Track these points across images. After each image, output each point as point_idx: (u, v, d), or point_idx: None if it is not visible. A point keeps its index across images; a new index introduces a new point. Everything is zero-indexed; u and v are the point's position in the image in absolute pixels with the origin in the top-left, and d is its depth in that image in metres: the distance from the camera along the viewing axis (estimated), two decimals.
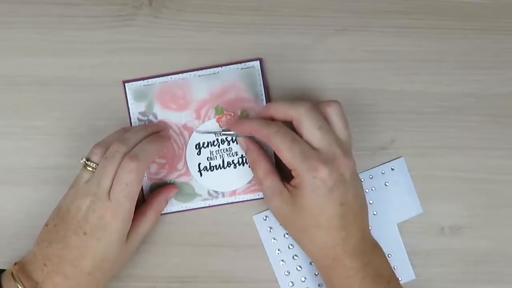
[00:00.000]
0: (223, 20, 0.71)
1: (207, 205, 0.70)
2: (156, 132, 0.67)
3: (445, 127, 0.70)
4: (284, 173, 0.64)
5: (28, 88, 0.70)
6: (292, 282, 0.69)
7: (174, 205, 0.69)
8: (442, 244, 0.70)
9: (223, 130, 0.68)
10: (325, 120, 0.61)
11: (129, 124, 0.69)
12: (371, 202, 0.70)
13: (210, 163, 0.69)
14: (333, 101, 0.62)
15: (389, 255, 0.69)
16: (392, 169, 0.70)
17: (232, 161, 0.69)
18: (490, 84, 0.71)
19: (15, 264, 0.63)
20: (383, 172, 0.70)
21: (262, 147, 0.67)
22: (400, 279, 0.69)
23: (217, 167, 0.69)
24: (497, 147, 0.70)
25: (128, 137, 0.63)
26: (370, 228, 0.69)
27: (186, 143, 0.69)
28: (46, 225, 0.63)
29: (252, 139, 0.67)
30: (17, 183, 0.69)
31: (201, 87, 0.69)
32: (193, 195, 0.69)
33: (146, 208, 0.66)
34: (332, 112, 0.62)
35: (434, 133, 0.70)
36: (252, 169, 0.66)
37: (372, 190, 0.70)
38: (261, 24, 0.71)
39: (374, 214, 0.70)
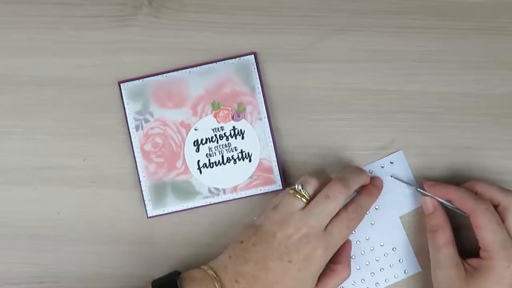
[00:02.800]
0: (223, 20, 0.71)
1: (208, 203, 0.69)
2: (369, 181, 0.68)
3: (445, 127, 0.70)
4: None
5: (28, 88, 0.70)
6: None
7: (175, 205, 0.69)
8: None
9: (419, 188, 0.68)
10: None
11: (127, 125, 0.69)
12: None
13: (209, 159, 0.69)
14: None
15: (394, 249, 0.69)
16: (391, 163, 0.70)
17: (232, 156, 0.69)
18: (490, 84, 0.70)
19: (206, 267, 0.63)
20: (382, 166, 0.70)
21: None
22: (406, 272, 0.69)
23: (217, 163, 0.69)
24: (497, 147, 0.70)
25: (349, 179, 0.64)
26: (372, 223, 0.69)
27: (184, 141, 0.69)
28: (241, 242, 0.63)
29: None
30: (17, 183, 0.69)
31: (197, 83, 0.69)
32: (193, 193, 0.69)
33: (337, 264, 0.66)
34: None
35: (434, 133, 0.70)
36: (433, 233, 0.66)
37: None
38: (261, 24, 0.71)
39: (376, 208, 0.69)
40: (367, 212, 0.67)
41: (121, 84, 0.69)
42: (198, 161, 0.69)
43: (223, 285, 0.61)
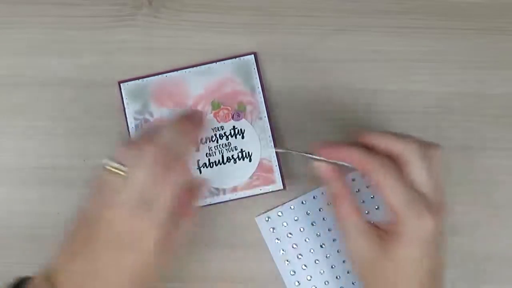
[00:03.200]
0: (223, 20, 0.71)
1: (208, 203, 0.69)
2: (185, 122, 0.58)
3: (445, 127, 0.70)
4: None
5: (28, 88, 0.70)
6: (298, 282, 0.69)
7: None
8: None
9: (308, 152, 0.60)
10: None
11: (126, 125, 0.69)
12: (372, 196, 0.70)
13: (209, 159, 0.69)
14: (436, 145, 0.57)
15: None
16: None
17: (232, 156, 0.69)
18: (490, 84, 0.71)
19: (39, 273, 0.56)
20: None
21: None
22: None
23: (217, 163, 0.69)
24: (497, 147, 0.70)
25: (166, 140, 0.55)
26: (372, 223, 0.69)
27: None
28: (69, 237, 0.56)
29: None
30: (17, 183, 0.69)
31: (197, 83, 0.70)
32: None
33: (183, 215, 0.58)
34: (436, 158, 0.56)
35: (434, 133, 0.70)
36: (334, 203, 0.59)
37: (373, 185, 0.70)
38: (261, 24, 0.71)
39: (376, 208, 0.69)
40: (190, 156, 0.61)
41: (121, 84, 0.70)
42: (198, 160, 0.69)
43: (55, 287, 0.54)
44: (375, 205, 0.70)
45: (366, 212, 0.69)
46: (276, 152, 0.68)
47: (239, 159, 0.69)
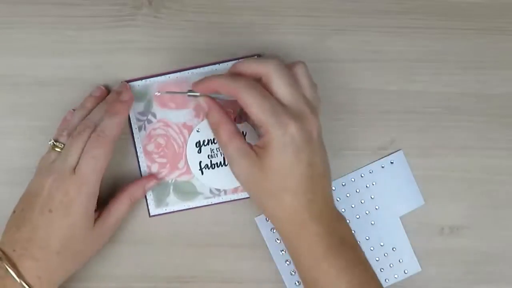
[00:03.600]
0: (223, 20, 0.71)
1: (209, 203, 0.70)
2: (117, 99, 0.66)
3: (445, 127, 0.70)
4: None
5: (28, 88, 0.70)
6: (298, 282, 0.69)
7: (176, 204, 0.69)
8: (442, 244, 0.70)
9: (188, 91, 0.63)
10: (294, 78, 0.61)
11: (129, 125, 0.69)
12: (372, 197, 0.70)
13: (211, 161, 0.69)
14: (299, 61, 0.62)
15: (394, 249, 0.70)
16: (392, 163, 0.70)
17: None
18: (490, 84, 0.71)
19: None
20: (382, 166, 0.70)
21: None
22: (405, 272, 0.70)
23: (218, 164, 0.69)
24: (497, 147, 0.70)
25: (91, 115, 0.64)
26: (372, 223, 0.69)
27: (186, 142, 0.69)
28: (14, 211, 0.63)
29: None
30: (17, 183, 0.69)
31: None
32: (194, 193, 0.69)
33: (121, 192, 0.67)
34: (299, 72, 0.61)
35: (434, 133, 0.70)
36: (214, 131, 0.62)
37: (372, 184, 0.70)
38: (261, 24, 0.71)
39: (376, 208, 0.70)
40: (120, 132, 0.64)
41: (118, 85, 0.69)
42: (200, 162, 0.69)
43: (8, 259, 0.60)
44: (375, 205, 0.70)
45: (366, 212, 0.69)
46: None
47: None
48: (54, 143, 0.64)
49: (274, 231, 0.69)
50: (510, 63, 0.71)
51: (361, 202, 0.70)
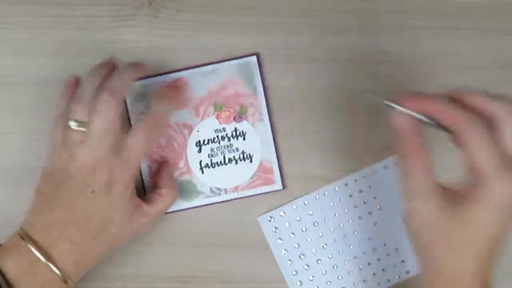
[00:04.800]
0: (223, 20, 0.71)
1: (210, 202, 0.70)
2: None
3: None
4: None
5: (28, 88, 0.70)
6: (300, 281, 0.69)
7: (177, 204, 0.69)
8: None
9: (389, 99, 0.54)
10: None
11: (129, 125, 0.69)
12: (375, 197, 0.70)
13: (211, 160, 0.69)
14: None
15: (396, 249, 0.70)
16: (395, 164, 0.70)
17: (233, 157, 0.69)
18: (490, 84, 0.71)
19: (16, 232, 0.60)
20: (385, 167, 0.70)
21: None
22: (408, 272, 0.70)
23: (219, 163, 0.69)
24: None
25: (117, 83, 0.60)
26: (375, 223, 0.69)
27: (186, 141, 0.69)
28: (41, 192, 0.60)
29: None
30: (17, 183, 0.69)
31: (199, 84, 0.69)
32: (195, 193, 0.69)
33: (170, 183, 0.67)
34: None
35: (434, 133, 0.70)
36: (403, 157, 0.53)
37: (375, 185, 0.70)
38: (261, 24, 0.71)
39: (379, 209, 0.70)
40: (167, 118, 0.65)
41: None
42: (200, 161, 0.69)
43: (36, 242, 0.57)
44: (378, 205, 0.70)
45: (369, 212, 0.70)
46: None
47: (240, 160, 0.69)
48: (74, 122, 0.59)
49: (277, 230, 0.69)
50: (510, 63, 0.71)
51: (364, 203, 0.70)
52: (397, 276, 0.70)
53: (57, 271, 0.57)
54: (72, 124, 0.59)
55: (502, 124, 0.50)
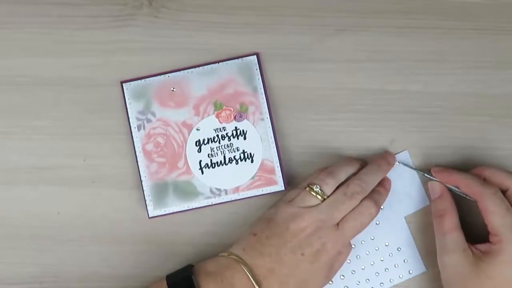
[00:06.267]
0: (223, 20, 0.71)
1: (210, 203, 0.69)
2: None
3: (445, 127, 0.70)
4: None
5: (28, 88, 0.70)
6: None
7: (176, 205, 0.69)
8: None
9: (426, 173, 0.69)
10: None
11: (129, 125, 0.69)
12: (377, 223, 0.70)
13: (211, 160, 0.69)
14: None
15: (399, 249, 0.70)
16: (397, 163, 0.70)
17: (234, 157, 0.69)
18: (490, 84, 0.71)
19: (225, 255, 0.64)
20: None
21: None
22: (410, 272, 0.70)
23: (219, 163, 0.69)
24: (497, 147, 0.70)
25: (365, 179, 0.65)
26: (377, 223, 0.69)
27: (186, 141, 0.69)
28: (254, 234, 0.64)
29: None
30: (17, 183, 0.69)
31: (199, 83, 0.69)
32: (195, 193, 0.69)
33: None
34: None
35: (434, 133, 0.70)
36: (439, 218, 0.66)
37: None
38: (261, 24, 0.71)
39: (381, 208, 0.69)
40: (381, 208, 0.68)
41: (124, 84, 0.69)
42: (200, 161, 0.69)
43: (239, 277, 0.62)
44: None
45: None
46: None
47: (241, 160, 0.69)
48: (319, 190, 0.64)
49: None
50: (510, 63, 0.71)
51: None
52: (399, 276, 0.70)
53: None
54: (315, 188, 0.64)
55: None
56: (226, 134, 0.69)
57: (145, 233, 0.69)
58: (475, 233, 0.66)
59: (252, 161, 0.69)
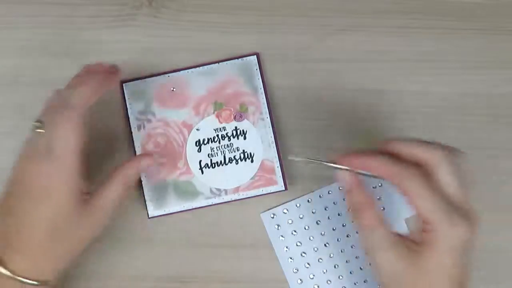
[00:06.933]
0: (223, 20, 0.71)
1: (210, 203, 0.69)
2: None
3: (445, 127, 0.70)
4: None
5: (28, 88, 0.70)
6: (301, 280, 0.69)
7: (177, 205, 0.69)
8: None
9: (330, 161, 0.59)
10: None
11: (129, 125, 0.69)
12: (378, 198, 0.70)
13: (211, 160, 0.69)
14: (459, 152, 0.55)
15: None
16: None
17: (234, 157, 0.69)
18: (490, 84, 0.71)
19: None
20: None
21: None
22: None
23: (219, 163, 0.69)
24: (497, 147, 0.70)
25: (64, 92, 0.60)
26: None
27: (186, 141, 0.69)
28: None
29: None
30: None
31: (199, 83, 0.70)
32: (195, 193, 0.69)
33: (112, 173, 0.62)
34: (464, 166, 0.55)
35: (434, 133, 0.70)
36: (355, 213, 0.57)
37: (379, 186, 0.70)
38: (261, 24, 0.71)
39: (382, 209, 0.69)
40: (90, 102, 0.60)
41: (124, 84, 0.69)
42: (200, 161, 0.69)
43: None
44: (381, 206, 0.70)
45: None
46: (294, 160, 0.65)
47: (241, 160, 0.69)
48: (35, 123, 0.58)
49: (279, 228, 0.69)
50: (510, 63, 0.71)
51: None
52: None
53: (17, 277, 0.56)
54: (33, 123, 0.59)
55: (437, 170, 0.53)
56: (226, 134, 0.69)
57: (145, 233, 0.69)
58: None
59: (252, 161, 0.69)
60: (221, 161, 0.69)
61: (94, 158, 0.70)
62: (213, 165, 0.69)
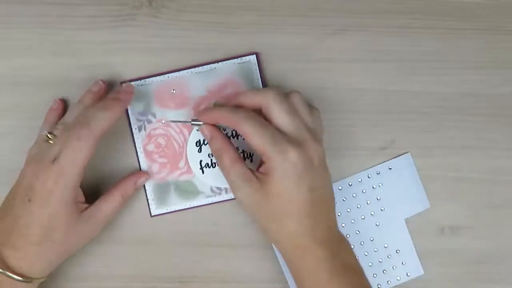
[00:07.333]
0: (223, 20, 0.71)
1: (211, 202, 0.70)
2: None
3: (445, 127, 0.70)
4: None
5: (28, 88, 0.70)
6: None
7: (177, 204, 0.69)
8: (442, 244, 0.70)
9: (192, 120, 0.65)
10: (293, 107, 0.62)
11: (129, 126, 0.69)
12: (378, 198, 0.70)
13: (211, 159, 0.69)
14: (293, 91, 0.63)
15: (397, 251, 0.70)
16: (399, 165, 0.70)
17: None
18: (490, 84, 0.71)
19: None
20: (390, 168, 0.70)
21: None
22: (408, 275, 0.70)
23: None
24: (497, 147, 0.70)
25: (87, 111, 0.64)
26: (377, 224, 0.69)
27: (186, 141, 0.69)
28: (3, 201, 0.64)
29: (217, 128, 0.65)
30: None
31: (199, 84, 0.70)
32: (196, 192, 0.70)
33: (113, 188, 0.67)
34: (296, 101, 0.62)
35: (434, 133, 0.70)
36: (217, 158, 0.63)
37: (379, 186, 0.70)
38: (261, 24, 0.71)
39: (381, 210, 0.70)
40: (107, 127, 0.63)
41: (123, 85, 0.69)
42: (200, 161, 0.69)
43: None
44: (381, 206, 0.70)
45: (372, 213, 0.69)
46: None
47: None
48: (48, 135, 0.63)
49: None
50: (510, 63, 0.71)
51: (367, 203, 0.70)
52: (397, 278, 0.70)
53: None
54: (44, 133, 0.64)
55: (270, 109, 0.61)
56: (226, 134, 0.69)
57: (147, 231, 0.69)
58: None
59: (251, 161, 0.69)
60: None
61: (95, 159, 0.70)
62: (214, 164, 0.69)
